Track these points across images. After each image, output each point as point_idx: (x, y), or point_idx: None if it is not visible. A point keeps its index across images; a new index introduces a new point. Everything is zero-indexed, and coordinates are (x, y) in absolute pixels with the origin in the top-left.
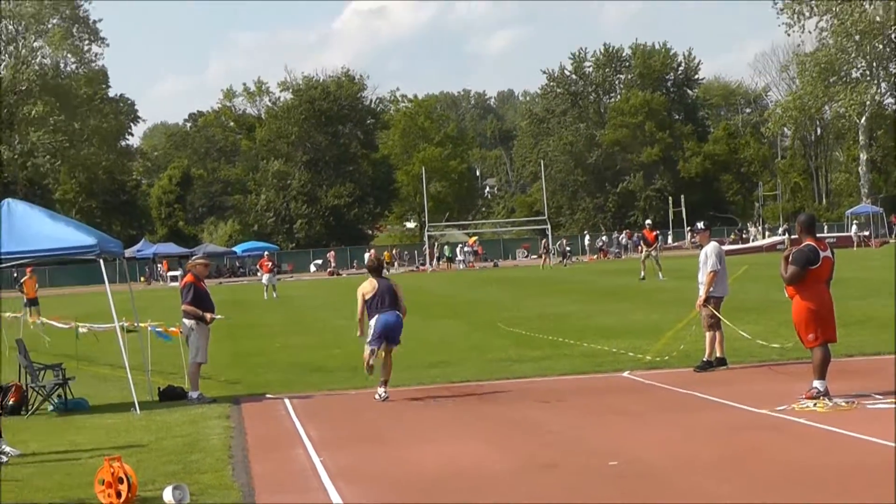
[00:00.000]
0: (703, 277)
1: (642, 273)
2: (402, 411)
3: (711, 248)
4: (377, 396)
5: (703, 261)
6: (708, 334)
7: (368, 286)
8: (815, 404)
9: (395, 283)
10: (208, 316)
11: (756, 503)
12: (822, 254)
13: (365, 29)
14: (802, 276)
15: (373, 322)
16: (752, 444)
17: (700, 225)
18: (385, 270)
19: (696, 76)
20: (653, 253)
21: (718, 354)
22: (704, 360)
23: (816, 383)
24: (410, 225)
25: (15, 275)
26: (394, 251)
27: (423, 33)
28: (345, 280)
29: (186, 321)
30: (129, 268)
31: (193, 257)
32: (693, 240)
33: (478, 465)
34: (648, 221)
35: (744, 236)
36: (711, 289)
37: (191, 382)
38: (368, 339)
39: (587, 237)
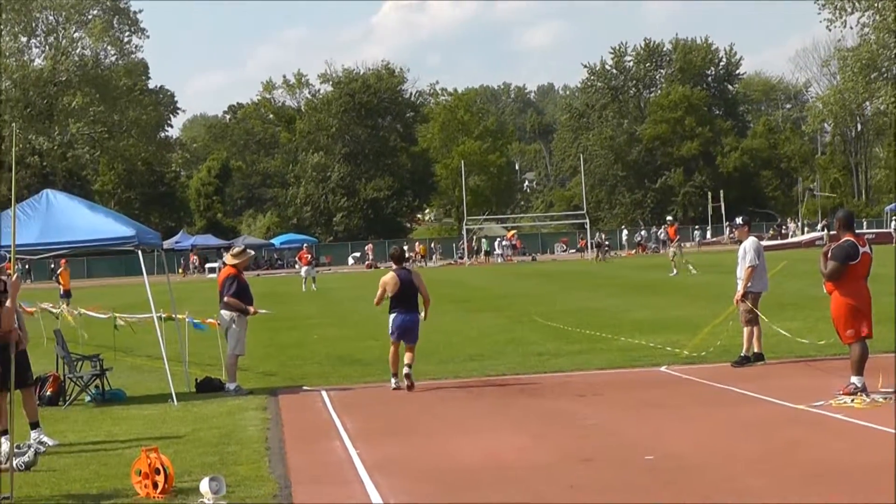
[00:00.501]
0: (741, 273)
1: (674, 269)
2: (439, 404)
3: (750, 243)
4: (392, 386)
5: (742, 256)
6: (746, 329)
7: (391, 281)
8: (852, 400)
9: (416, 274)
10: (251, 309)
11: (791, 499)
12: (861, 249)
13: (405, 23)
14: (842, 272)
15: (391, 318)
16: (789, 440)
17: (739, 220)
18: (412, 263)
19: (737, 71)
20: (672, 248)
21: (756, 350)
22: (742, 354)
23: (854, 379)
24: (449, 219)
25: (52, 266)
26: (432, 244)
27: (463, 27)
28: (382, 272)
29: (226, 313)
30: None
31: (233, 248)
32: (731, 235)
33: (515, 457)
34: (670, 218)
35: (783, 232)
36: (750, 284)
37: (228, 374)
38: (390, 332)
39: (625, 232)
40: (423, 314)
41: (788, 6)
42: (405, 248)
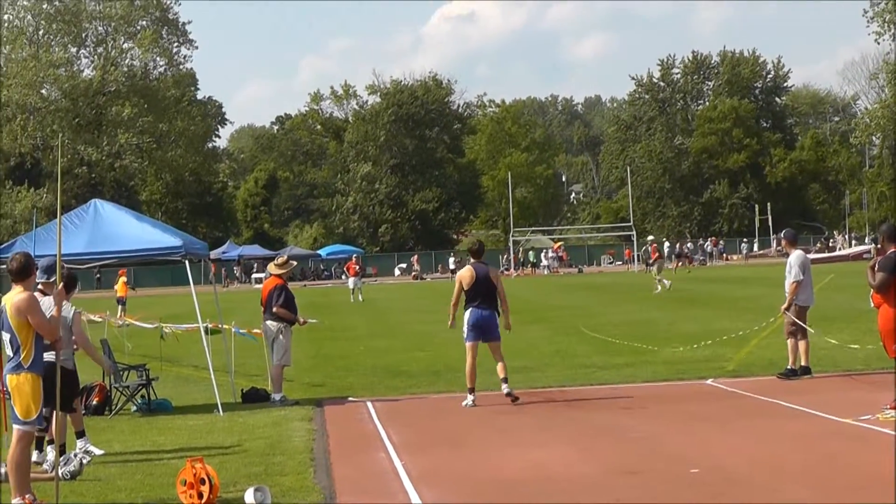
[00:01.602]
0: (788, 287)
1: (657, 287)
2: (484, 416)
3: (795, 257)
4: (464, 403)
5: (788, 270)
6: (789, 342)
7: (468, 274)
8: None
9: (494, 271)
10: (301, 319)
11: None
12: None
13: (454, 34)
14: (891, 283)
15: (467, 314)
16: (834, 453)
17: (782, 235)
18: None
19: (785, 84)
20: (653, 268)
21: (803, 363)
22: (788, 367)
23: None
24: (495, 230)
25: (98, 276)
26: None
27: (512, 38)
28: (428, 284)
29: (272, 323)
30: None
31: (278, 259)
32: (779, 248)
33: (560, 469)
34: (651, 238)
35: (830, 245)
36: (795, 298)
37: (274, 385)
38: (465, 335)
39: (666, 244)
40: (501, 319)
41: (837, 19)
42: (482, 241)
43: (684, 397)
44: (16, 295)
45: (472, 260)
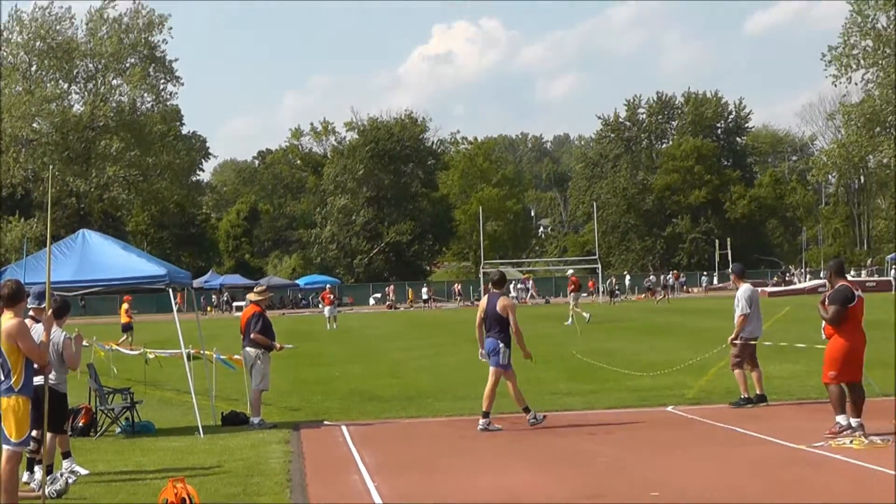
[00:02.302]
0: (736, 319)
1: (570, 319)
2: (455, 440)
3: (742, 291)
4: (479, 426)
5: (736, 304)
6: (736, 372)
7: (482, 305)
8: (851, 441)
9: (504, 301)
10: (278, 345)
11: None
12: (856, 294)
13: (431, 73)
14: (843, 315)
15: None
16: (791, 479)
17: (729, 270)
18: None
19: (746, 124)
20: (571, 301)
21: (758, 391)
22: (743, 397)
23: (839, 419)
24: (467, 262)
25: (83, 303)
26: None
27: (486, 79)
28: (401, 313)
29: (251, 349)
30: (196, 297)
31: (256, 288)
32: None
33: (527, 493)
34: (571, 271)
35: (787, 278)
36: (742, 330)
37: (253, 408)
38: None
39: (627, 277)
40: (518, 348)
41: (797, 63)
42: (503, 272)
43: (647, 424)
44: (6, 320)
45: (492, 289)
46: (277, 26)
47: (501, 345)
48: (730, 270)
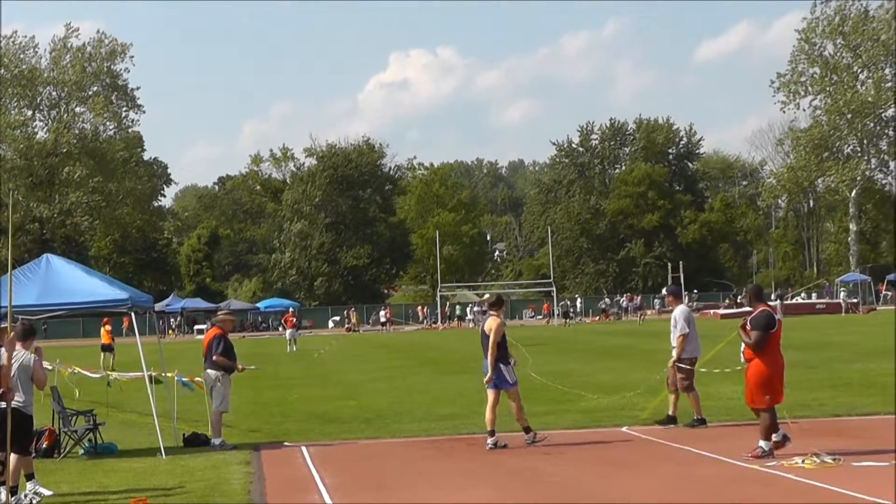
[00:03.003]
0: (674, 341)
1: None
2: (413, 460)
3: (679, 311)
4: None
5: (673, 325)
6: (685, 394)
7: (480, 327)
8: (802, 461)
9: (491, 322)
10: (240, 366)
11: None
12: (776, 317)
13: (388, 100)
14: (766, 340)
15: None
16: (743, 497)
17: (666, 290)
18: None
19: (697, 150)
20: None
21: (696, 416)
22: (696, 417)
23: (762, 443)
24: (424, 286)
25: (44, 326)
26: (410, 310)
27: (442, 105)
28: (360, 336)
29: (212, 372)
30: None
31: (219, 312)
32: (690, 303)
33: None
34: (486, 295)
35: (738, 301)
36: (683, 352)
37: (214, 430)
38: None
39: (578, 300)
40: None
41: (746, 90)
42: (500, 294)
43: (601, 444)
44: None
45: (488, 311)
46: (237, 55)
47: (500, 365)
48: (665, 292)
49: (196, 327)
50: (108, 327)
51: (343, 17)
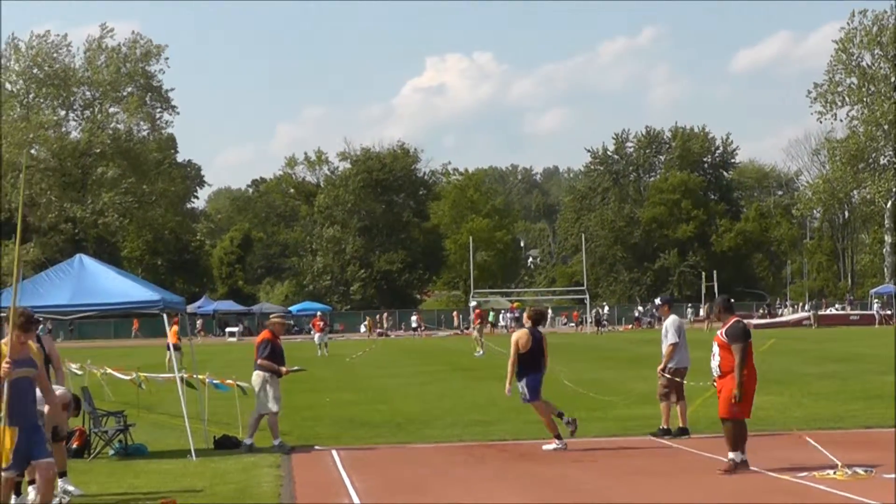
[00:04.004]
0: (664, 350)
1: (479, 350)
2: (444, 466)
3: (670, 321)
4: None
5: (664, 334)
6: (662, 404)
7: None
8: (834, 472)
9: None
10: (283, 369)
11: None
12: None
13: (424, 105)
14: (747, 350)
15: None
16: None
17: (658, 300)
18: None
19: (732, 159)
20: (477, 329)
21: (681, 424)
22: (661, 427)
23: (731, 455)
24: (457, 291)
25: (71, 327)
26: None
27: (478, 111)
28: (392, 341)
29: (257, 374)
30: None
31: (272, 316)
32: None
33: None
34: (473, 304)
35: (776, 311)
36: (672, 362)
37: (249, 429)
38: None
39: (606, 308)
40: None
41: (783, 100)
42: (544, 308)
43: (631, 452)
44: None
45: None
46: (273, 57)
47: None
48: (658, 301)
49: (227, 329)
50: (176, 327)
51: (380, 21)
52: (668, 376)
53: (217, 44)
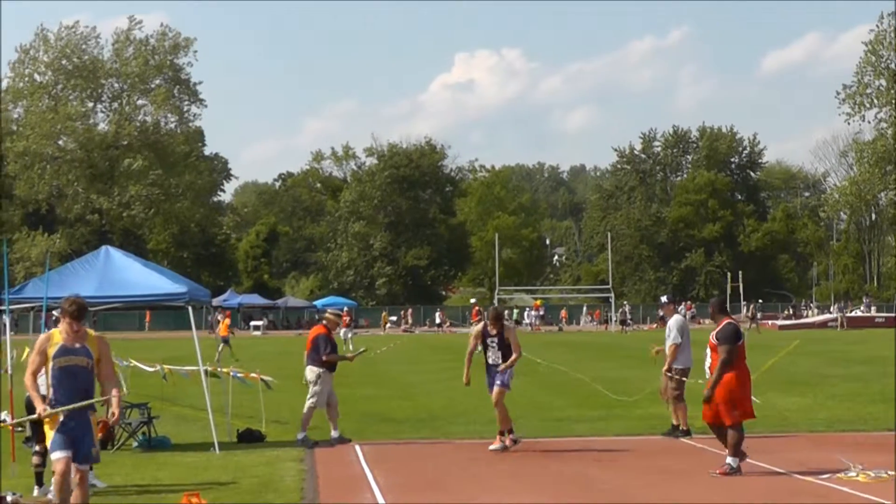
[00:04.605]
0: (668, 350)
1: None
2: (464, 462)
3: (674, 321)
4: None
5: (668, 334)
6: (672, 404)
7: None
8: (857, 474)
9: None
10: (349, 355)
11: None
12: (741, 330)
13: (452, 101)
14: (736, 352)
15: None
16: None
17: (664, 299)
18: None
19: (760, 160)
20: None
21: (683, 427)
22: (682, 428)
23: (730, 460)
24: (482, 288)
25: (94, 319)
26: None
27: (506, 108)
28: (418, 336)
29: (310, 369)
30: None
31: (328, 309)
32: (748, 313)
33: None
34: (473, 300)
35: (803, 312)
36: (675, 361)
37: (302, 424)
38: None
39: (628, 307)
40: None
41: (811, 101)
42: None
43: (653, 451)
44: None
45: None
46: (302, 51)
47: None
48: (662, 300)
49: (252, 323)
50: (227, 320)
51: (410, 16)
52: (677, 377)
53: (246, 37)
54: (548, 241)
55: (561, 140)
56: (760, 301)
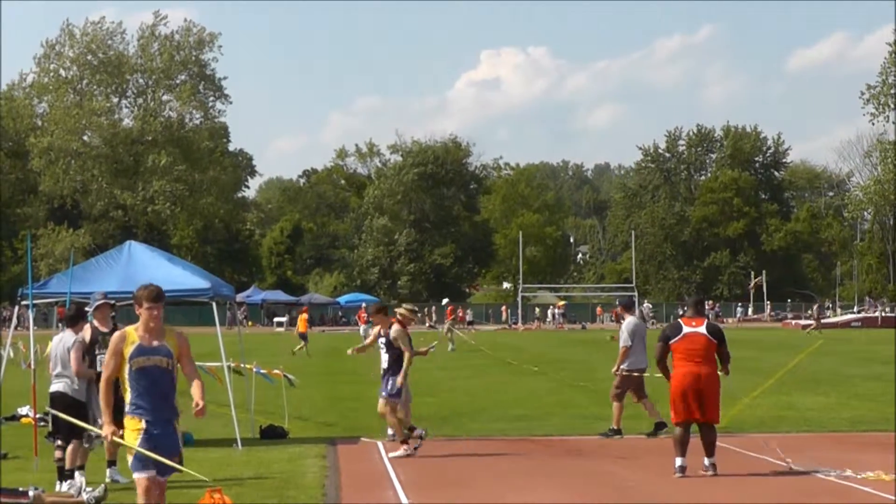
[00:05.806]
0: (619, 351)
1: (450, 345)
2: (488, 460)
3: (627, 324)
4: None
5: (621, 336)
6: (615, 404)
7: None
8: (880, 473)
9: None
10: (424, 349)
11: None
12: (685, 329)
13: (478, 99)
14: (664, 351)
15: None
16: None
17: (618, 301)
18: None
19: (784, 159)
20: (448, 325)
21: (655, 419)
22: (613, 427)
23: (678, 460)
24: (507, 285)
25: (113, 314)
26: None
27: (531, 106)
28: (436, 334)
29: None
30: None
31: (403, 305)
32: (772, 313)
33: None
34: (446, 300)
35: (826, 312)
36: (626, 364)
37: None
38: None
39: (646, 304)
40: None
41: (836, 100)
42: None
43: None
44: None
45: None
46: (327, 48)
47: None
48: (617, 302)
49: (275, 319)
50: (305, 315)
51: (436, 13)
52: (620, 375)
53: (270, 33)
54: (572, 240)
55: (586, 138)
56: (789, 301)
